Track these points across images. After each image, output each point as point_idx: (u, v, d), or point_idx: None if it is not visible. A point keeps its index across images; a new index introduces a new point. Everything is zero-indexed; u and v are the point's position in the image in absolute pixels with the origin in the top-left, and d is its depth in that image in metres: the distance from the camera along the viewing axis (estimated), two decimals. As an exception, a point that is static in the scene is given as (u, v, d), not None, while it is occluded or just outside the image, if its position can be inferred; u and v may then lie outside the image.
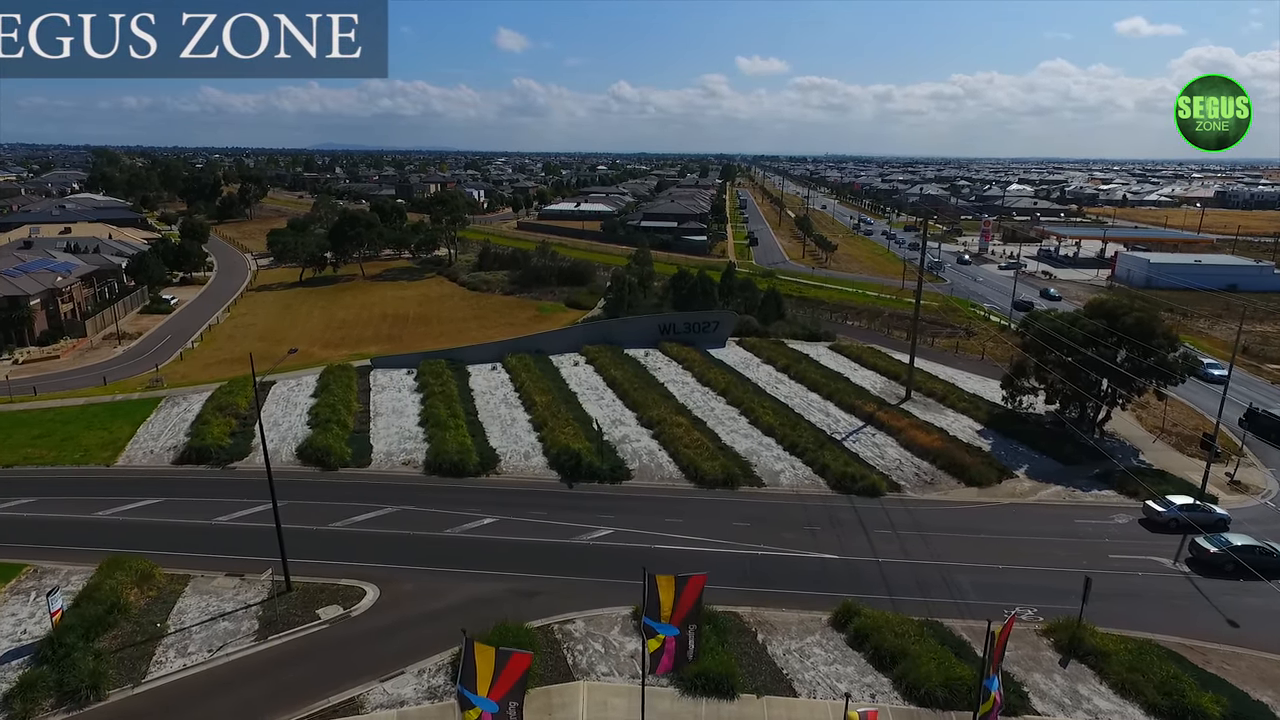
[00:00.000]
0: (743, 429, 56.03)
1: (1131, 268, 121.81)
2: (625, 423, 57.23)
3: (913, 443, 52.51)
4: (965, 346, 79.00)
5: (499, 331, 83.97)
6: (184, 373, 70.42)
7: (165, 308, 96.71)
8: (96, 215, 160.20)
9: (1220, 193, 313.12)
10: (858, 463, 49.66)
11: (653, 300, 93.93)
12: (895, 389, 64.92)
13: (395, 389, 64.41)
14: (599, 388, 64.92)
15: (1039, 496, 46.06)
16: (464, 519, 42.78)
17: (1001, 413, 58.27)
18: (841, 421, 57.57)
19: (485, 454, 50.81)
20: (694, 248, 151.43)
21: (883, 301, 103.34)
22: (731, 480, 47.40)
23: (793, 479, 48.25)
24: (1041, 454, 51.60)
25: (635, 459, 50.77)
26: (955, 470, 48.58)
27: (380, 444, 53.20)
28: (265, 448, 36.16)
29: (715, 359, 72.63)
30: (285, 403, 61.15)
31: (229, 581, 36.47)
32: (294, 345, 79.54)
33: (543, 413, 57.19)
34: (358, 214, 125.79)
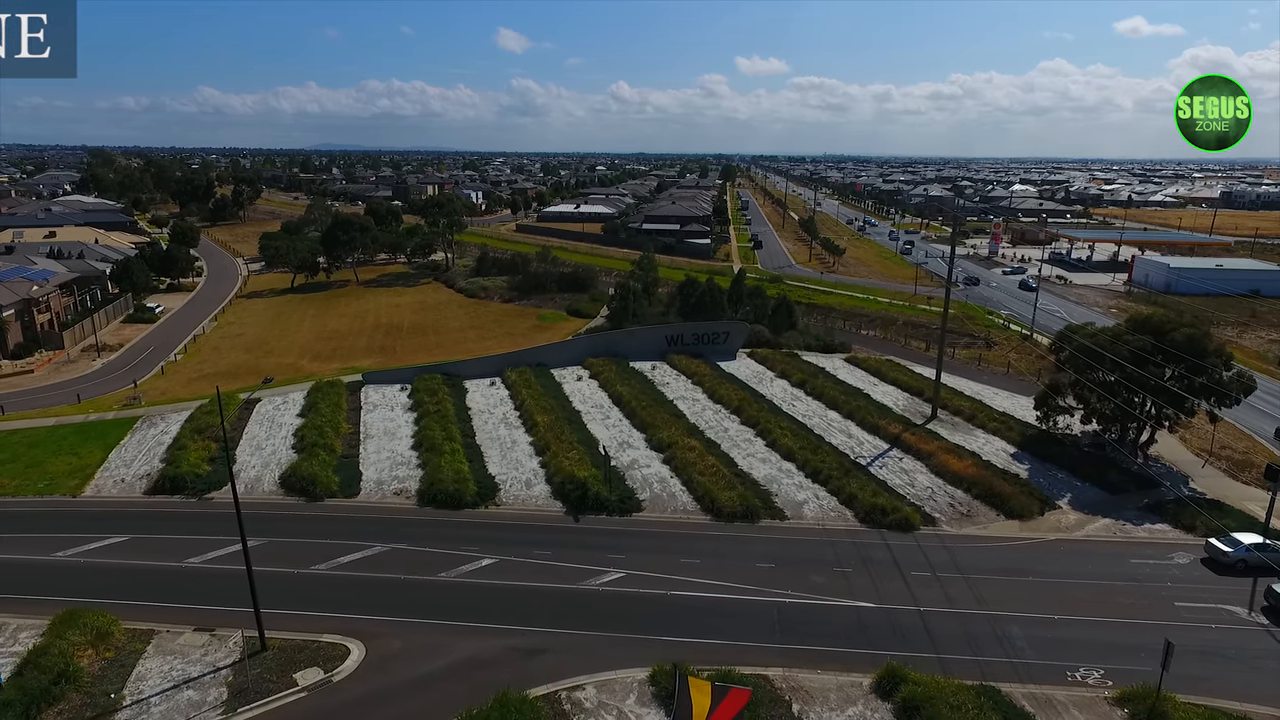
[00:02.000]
0: (759, 452, 52.25)
1: (1150, 272, 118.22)
2: (633, 445, 53.44)
3: (944, 468, 48.75)
4: (988, 359, 75.26)
5: (497, 342, 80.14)
6: (164, 389, 66.52)
7: (150, 316, 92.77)
8: (84, 218, 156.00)
9: (1226, 193, 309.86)
10: (886, 492, 45.89)
11: (658, 308, 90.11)
12: (919, 406, 61.16)
13: (387, 407, 60.56)
14: (604, 405, 61.11)
15: (1087, 531, 42.30)
16: (460, 559, 38.95)
17: (1035, 433, 54.54)
18: (865, 444, 53.79)
19: (484, 482, 47.00)
20: (698, 251, 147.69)
21: (896, 308, 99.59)
22: (751, 513, 43.63)
23: (817, 511, 44.47)
24: (1084, 481, 47.84)
25: (645, 488, 46.98)
26: (993, 500, 44.82)
27: (370, 471, 49.36)
28: (235, 488, 32.23)
29: (726, 372, 68.86)
30: (270, 423, 57.27)
31: (197, 638, 32.60)
32: (283, 356, 75.98)
33: (545, 434, 53.40)
34: (351, 218, 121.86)
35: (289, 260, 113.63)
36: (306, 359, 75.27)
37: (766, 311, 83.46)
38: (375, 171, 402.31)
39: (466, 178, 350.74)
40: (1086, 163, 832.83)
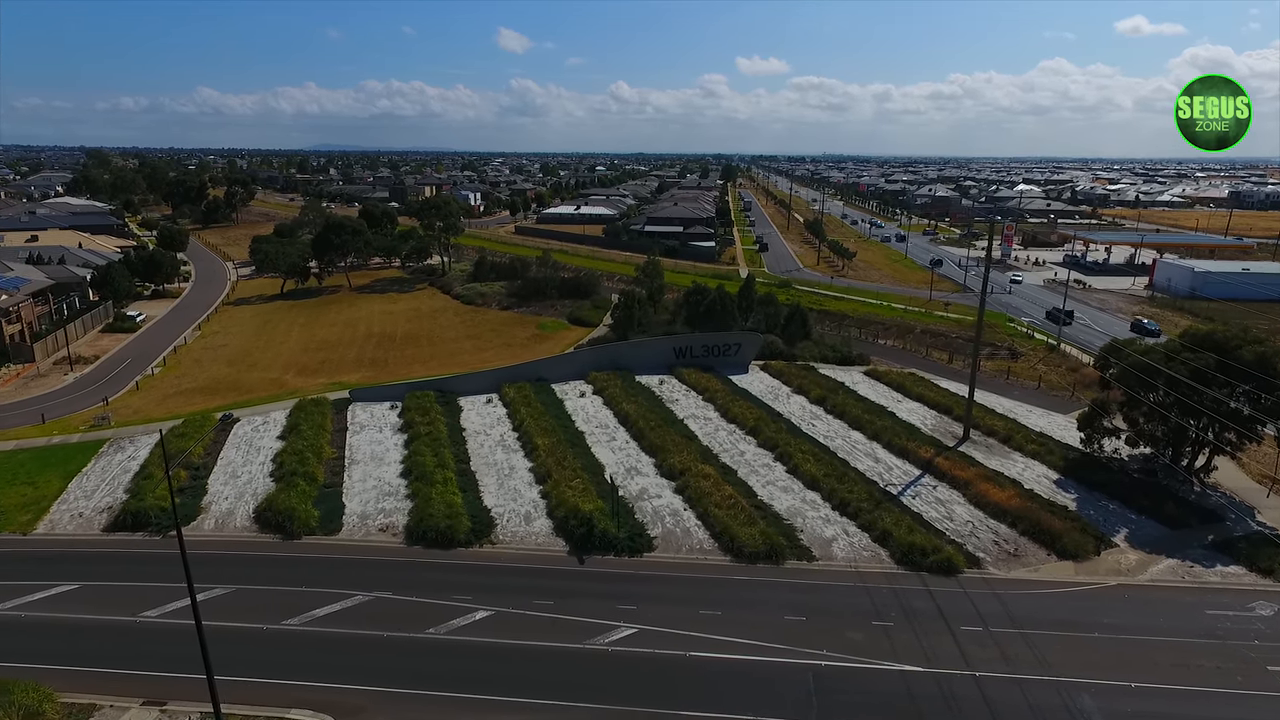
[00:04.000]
0: (780, 480, 47.88)
1: (1172, 276, 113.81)
2: (642, 472, 49.07)
3: (984, 499, 44.38)
4: (1016, 371, 70.84)
5: (495, 354, 75.76)
6: (137, 406, 62.13)
7: (130, 326, 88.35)
8: (70, 221, 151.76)
9: (1234, 193, 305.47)
10: (923, 527, 41.53)
11: (664, 316, 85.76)
12: (948, 425, 56.82)
13: (375, 428, 56.18)
14: (609, 425, 56.74)
15: (1151, 574, 37.92)
16: (451, 611, 34.58)
17: (1079, 457, 50.18)
18: (894, 469, 49.42)
19: (478, 517, 42.66)
20: (702, 254, 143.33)
21: (912, 315, 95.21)
22: (775, 553, 39.26)
23: (848, 550, 40.10)
24: (1139, 513, 43.45)
25: (657, 522, 42.62)
26: (1042, 537, 40.46)
27: (354, 502, 44.98)
28: (181, 538, 27.76)
29: (739, 388, 64.49)
30: (248, 446, 52.89)
31: (145, 715, 28.23)
32: (267, 370, 71.72)
33: (546, 459, 49.04)
34: (343, 221, 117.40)
35: (278, 265, 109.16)
36: (292, 373, 70.86)
37: (779, 320, 79.12)
38: (373, 172, 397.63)
39: (465, 178, 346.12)
40: (1087, 162, 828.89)
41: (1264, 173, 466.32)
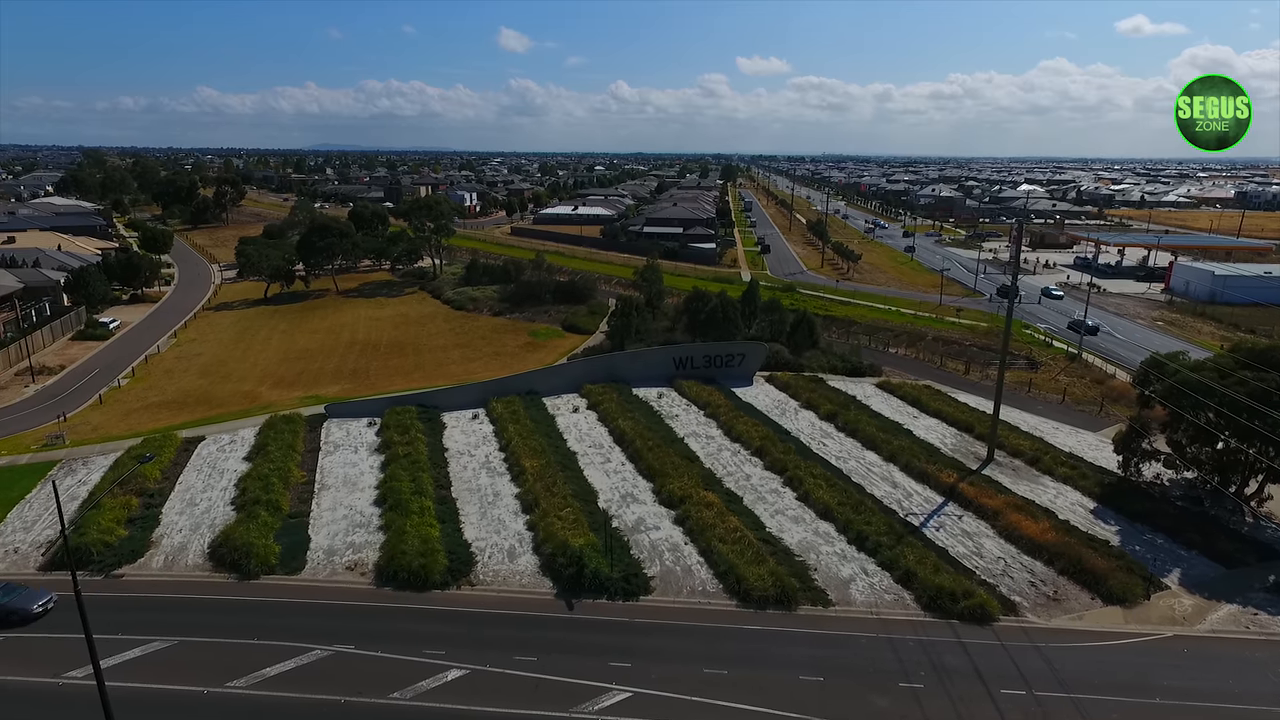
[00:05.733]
0: (790, 509, 43.70)
1: (1191, 280, 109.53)
2: (639, 498, 44.89)
3: (1015, 532, 40.22)
4: (1038, 383, 66.63)
5: (484, 365, 71.56)
6: (98, 423, 57.90)
7: (102, 333, 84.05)
8: (52, 222, 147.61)
9: (1240, 193, 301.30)
10: (950, 565, 37.39)
11: (663, 324, 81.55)
12: (969, 445, 52.67)
13: (351, 447, 51.98)
14: (604, 445, 52.55)
15: (1210, 624, 33.75)
16: (420, 671, 30.40)
17: (1115, 482, 46.03)
18: (914, 496, 45.25)
19: (457, 553, 38.46)
20: (702, 256, 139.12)
21: (923, 322, 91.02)
22: (787, 597, 35.08)
23: (868, 593, 35.93)
24: (1188, 548, 39.30)
25: (654, 559, 38.45)
26: (1084, 578, 36.33)
27: (321, 535, 40.78)
28: (81, 605, 23.48)
29: (743, 401, 60.32)
30: (210, 469, 48.69)
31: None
32: (240, 382, 67.56)
33: (534, 485, 44.86)
34: (329, 223, 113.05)
35: (261, 269, 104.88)
36: (267, 385, 66.63)
37: (784, 328, 74.88)
38: (370, 172, 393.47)
39: (462, 178, 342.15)
40: (1087, 162, 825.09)
41: (1266, 173, 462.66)
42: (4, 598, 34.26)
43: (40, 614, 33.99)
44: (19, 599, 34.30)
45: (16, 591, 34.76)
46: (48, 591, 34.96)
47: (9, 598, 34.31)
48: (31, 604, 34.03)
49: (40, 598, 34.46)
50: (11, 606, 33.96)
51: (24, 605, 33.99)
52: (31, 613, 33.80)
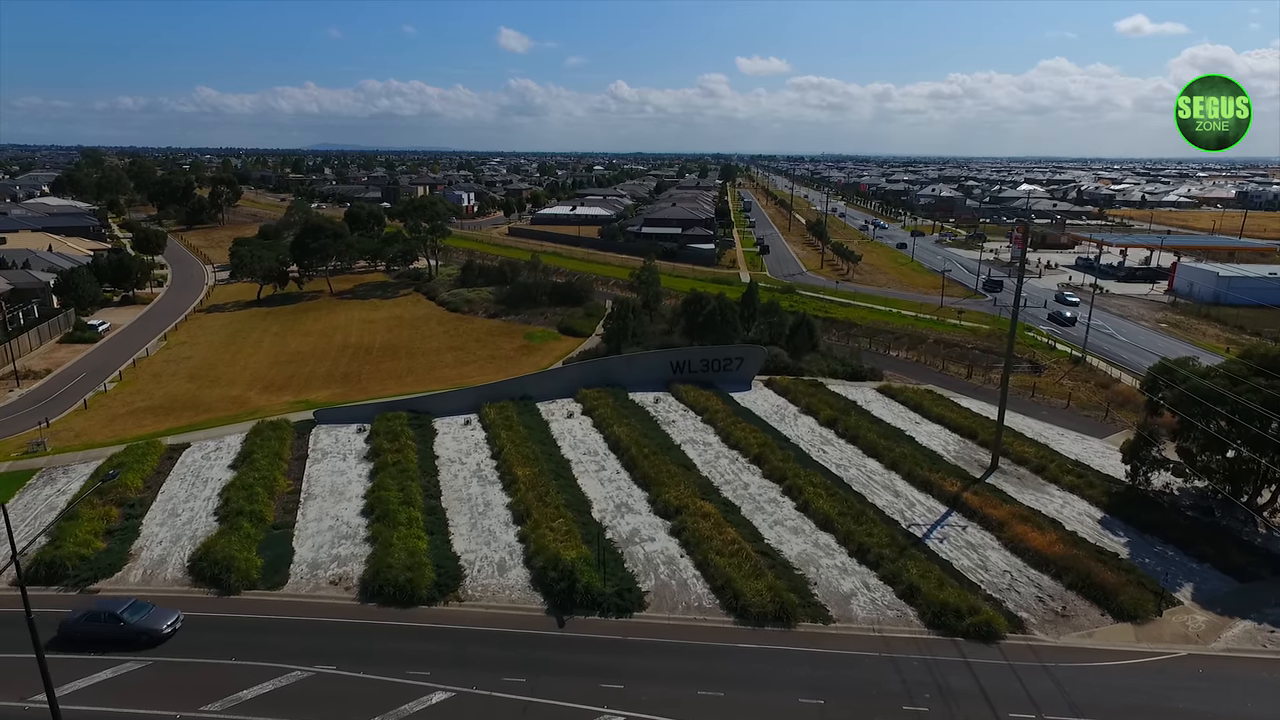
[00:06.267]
0: (789, 519, 42.47)
1: (1194, 281, 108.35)
2: (634, 508, 43.66)
3: (1021, 544, 39.00)
4: (1042, 387, 65.39)
5: (478, 368, 70.30)
6: (81, 429, 56.62)
7: (91, 336, 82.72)
8: (44, 223, 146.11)
9: (1241, 193, 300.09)
10: (954, 579, 36.17)
11: (661, 326, 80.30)
12: (972, 452, 51.46)
13: (339, 455, 50.73)
14: (599, 452, 51.31)
15: (1226, 642, 32.52)
16: (405, 693, 29.15)
17: (1123, 491, 44.80)
18: (917, 505, 44.03)
19: (445, 566, 37.24)
20: (701, 257, 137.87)
21: (924, 324, 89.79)
22: (786, 613, 33.85)
23: (870, 608, 34.69)
24: (1200, 561, 38.09)
25: (649, 572, 37.22)
26: (1093, 593, 35.12)
27: (306, 548, 39.53)
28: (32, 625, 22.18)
29: (741, 407, 59.09)
30: (194, 478, 47.44)
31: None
32: (229, 387, 66.26)
33: (526, 494, 43.61)
34: (322, 224, 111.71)
35: (254, 270, 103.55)
36: (257, 389, 65.35)
37: (784, 331, 73.65)
38: (368, 172, 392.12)
39: (461, 178, 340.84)
40: (1087, 162, 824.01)
41: (1265, 173, 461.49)
42: (133, 616, 32.20)
43: (169, 634, 32.17)
44: (149, 618, 32.39)
45: (145, 609, 32.81)
46: (175, 610, 33.23)
47: (138, 616, 32.32)
48: (161, 623, 32.19)
49: (169, 617, 32.64)
50: (141, 626, 32.04)
51: (154, 625, 32.14)
52: (161, 633, 31.99)
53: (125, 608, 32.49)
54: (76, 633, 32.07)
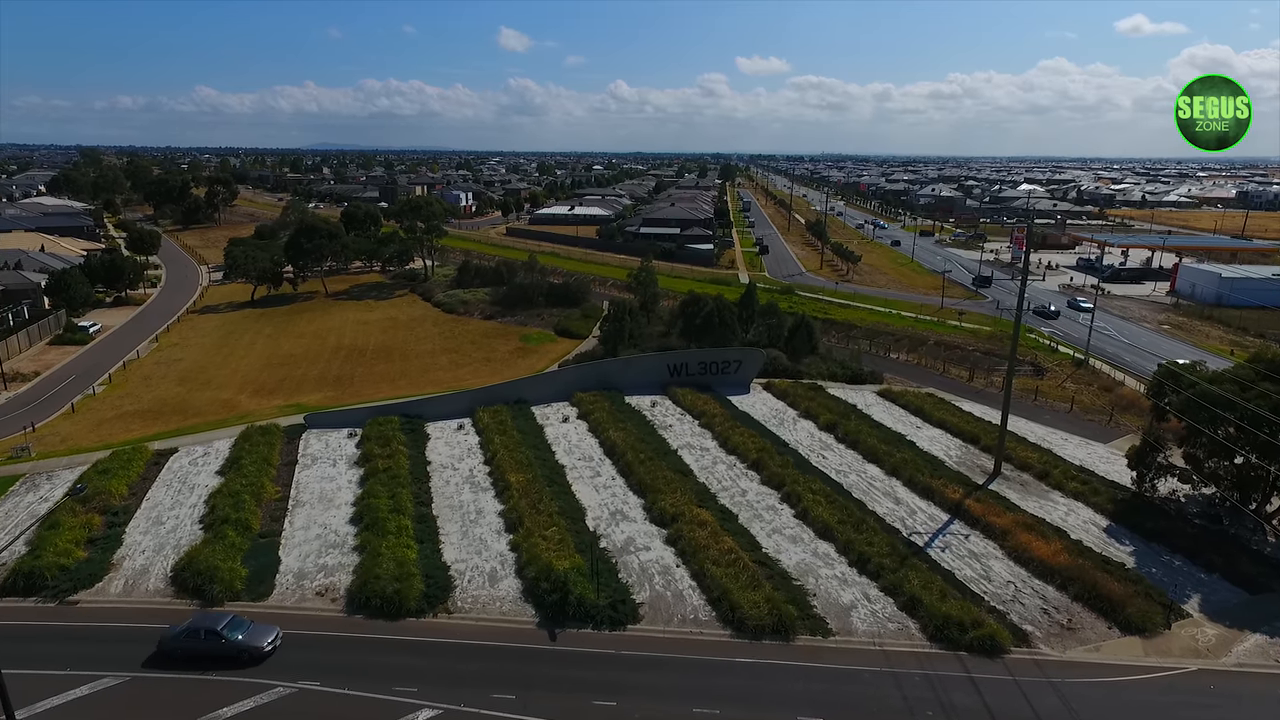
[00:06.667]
0: (788, 528, 41.54)
1: (1197, 282, 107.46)
2: (629, 516, 42.73)
3: (1025, 553, 38.08)
4: (1045, 391, 64.47)
5: (472, 371, 69.37)
6: (67, 433, 55.68)
7: (81, 337, 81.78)
8: (38, 223, 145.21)
9: (1242, 193, 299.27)
10: (957, 590, 35.23)
11: (658, 328, 79.41)
12: (974, 457, 50.54)
13: (329, 460, 49.78)
14: (594, 458, 50.38)
15: (1237, 656, 31.59)
16: (390, 711, 28.23)
17: (1129, 498, 43.89)
18: (918, 513, 43.11)
19: (435, 576, 36.29)
20: (700, 257, 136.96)
21: (924, 325, 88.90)
22: (784, 625, 32.91)
23: (870, 621, 33.76)
24: (1208, 571, 37.20)
25: (644, 583, 36.29)
26: (1099, 605, 34.21)
27: (292, 557, 38.58)
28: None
29: (740, 411, 58.16)
30: (180, 484, 46.49)
31: None
32: (220, 390, 65.36)
33: (519, 501, 42.67)
34: (317, 224, 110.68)
35: (248, 271, 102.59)
36: (247, 393, 64.41)
37: (782, 333, 72.76)
38: (367, 171, 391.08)
39: (460, 178, 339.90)
40: (1086, 162, 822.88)
41: (1265, 172, 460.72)
42: (233, 632, 30.89)
43: (270, 652, 30.80)
44: (250, 634, 31.10)
45: (244, 626, 31.51)
46: (274, 627, 31.88)
47: (239, 633, 31.01)
48: (262, 641, 30.86)
49: (269, 634, 31.30)
50: (244, 644, 30.71)
51: (256, 642, 30.79)
52: (263, 650, 30.65)
53: (225, 624, 31.11)
54: (176, 649, 30.74)
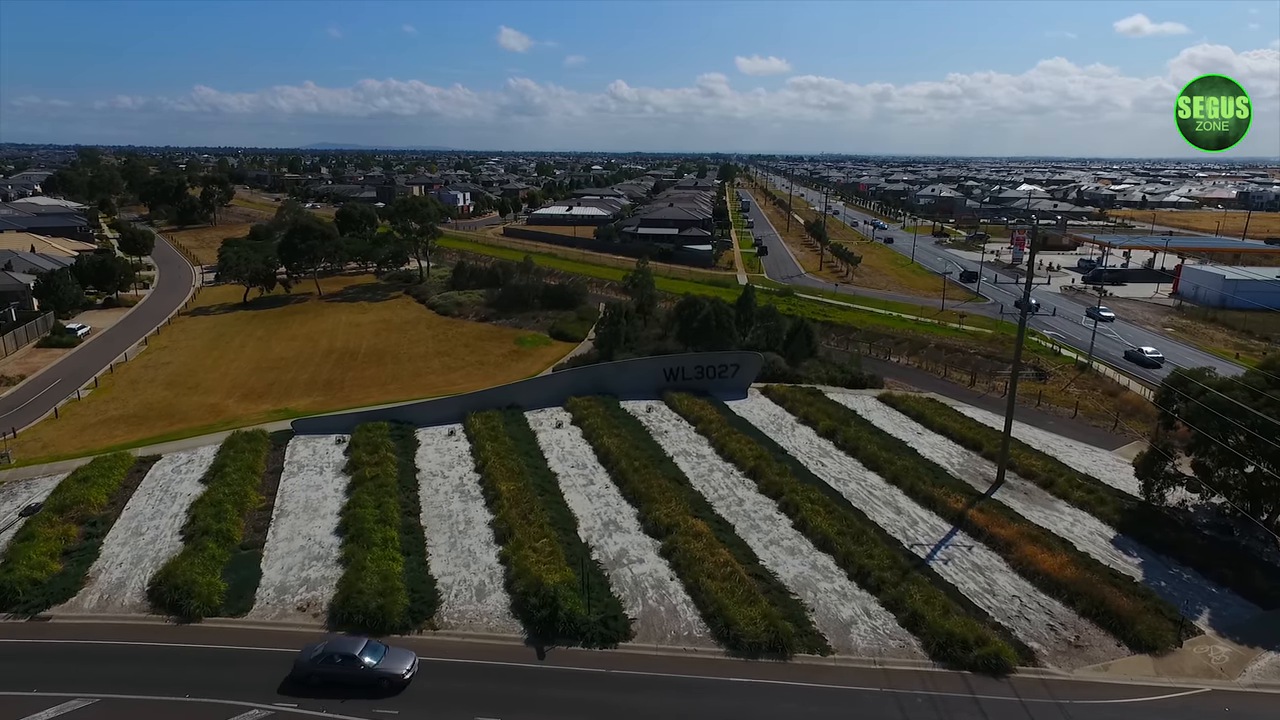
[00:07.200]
0: (786, 539, 40.36)
1: (1200, 284, 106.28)
2: (622, 526, 41.54)
3: (1031, 566, 36.90)
4: (1049, 396, 63.26)
5: (465, 375, 68.15)
6: (50, 439, 54.43)
7: (69, 340, 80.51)
8: (31, 223, 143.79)
9: (1242, 193, 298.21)
10: (960, 605, 34.07)
11: (654, 331, 78.20)
12: (977, 465, 49.37)
13: (316, 468, 48.57)
14: (587, 465, 49.19)
15: (1252, 676, 30.43)
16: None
17: (1136, 508, 42.74)
18: (919, 523, 41.94)
19: (420, 590, 35.12)
20: (698, 258, 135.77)
21: (925, 328, 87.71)
22: (781, 643, 31.73)
23: (870, 637, 32.58)
24: (1220, 585, 36.04)
25: (637, 597, 35.12)
26: (1108, 621, 33.05)
27: (274, 570, 37.38)
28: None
29: (737, 416, 56.98)
30: (163, 493, 45.28)
31: None
32: (208, 394, 64.19)
33: (509, 511, 41.50)
34: (310, 225, 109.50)
35: (240, 272, 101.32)
36: (236, 397, 63.16)
37: (781, 336, 71.52)
38: (365, 171, 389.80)
39: (458, 178, 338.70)
40: (1085, 162, 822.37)
41: (1265, 173, 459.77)
42: (370, 657, 29.36)
43: (409, 680, 29.14)
44: (388, 660, 29.49)
45: (380, 650, 29.89)
46: (410, 652, 30.26)
47: (378, 658, 29.43)
48: (401, 667, 29.25)
49: (406, 660, 29.68)
50: (383, 670, 29.11)
51: (396, 669, 29.17)
52: (403, 678, 29.01)
53: (362, 648, 29.68)
54: (313, 674, 29.33)
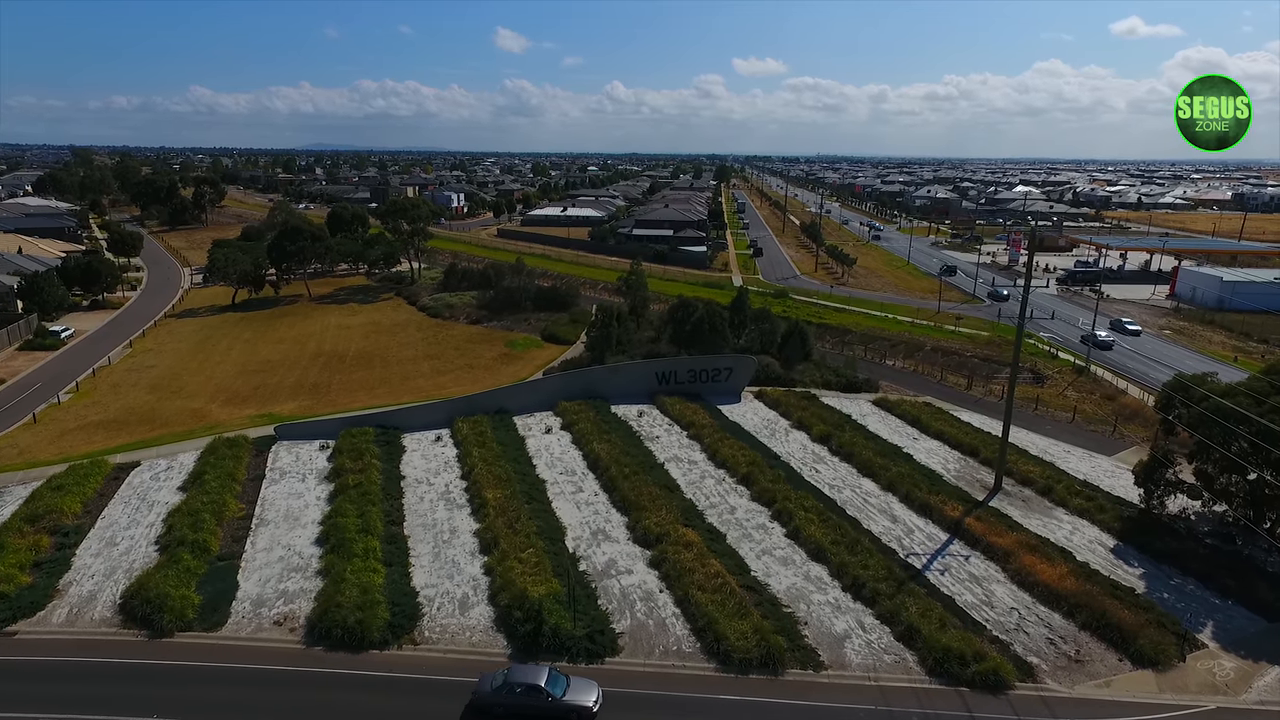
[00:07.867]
0: (779, 548, 39.35)
1: (1197, 286, 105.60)
2: (611, 536, 40.50)
3: (1030, 577, 35.95)
4: (1046, 400, 62.36)
5: (454, 378, 67.02)
6: (26, 445, 53.17)
7: (52, 343, 79.17)
8: (19, 224, 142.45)
9: (1237, 195, 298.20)
10: (957, 619, 33.08)
11: (647, 334, 77.16)
12: (974, 471, 48.42)
13: (298, 475, 47.43)
14: (577, 471, 48.13)
15: (1258, 691, 29.49)
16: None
17: (1136, 516, 41.83)
18: (915, 533, 40.95)
19: (401, 603, 34.03)
20: (693, 260, 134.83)
21: (920, 330, 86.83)
22: (773, 658, 30.72)
23: (865, 652, 31.58)
24: (1224, 597, 35.13)
25: (624, 610, 34.07)
26: (1109, 634, 32.11)
27: (252, 582, 36.25)
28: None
29: (729, 421, 55.97)
30: (140, 501, 44.10)
31: None
32: (191, 398, 63.05)
33: (495, 520, 40.45)
34: (300, 226, 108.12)
35: (228, 274, 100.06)
36: (219, 401, 61.95)
37: (775, 339, 70.58)
38: (360, 172, 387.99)
39: (453, 178, 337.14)
40: (1081, 163, 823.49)
41: (1260, 174, 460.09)
42: (556, 688, 27.81)
43: (596, 712, 27.62)
44: (574, 691, 27.99)
45: (562, 681, 28.30)
46: (593, 681, 28.76)
47: (564, 690, 27.86)
48: (589, 699, 27.78)
49: (591, 691, 28.20)
50: (572, 703, 27.58)
51: (583, 701, 27.66)
52: (591, 712, 27.52)
53: (545, 678, 28.17)
54: (496, 705, 27.86)
